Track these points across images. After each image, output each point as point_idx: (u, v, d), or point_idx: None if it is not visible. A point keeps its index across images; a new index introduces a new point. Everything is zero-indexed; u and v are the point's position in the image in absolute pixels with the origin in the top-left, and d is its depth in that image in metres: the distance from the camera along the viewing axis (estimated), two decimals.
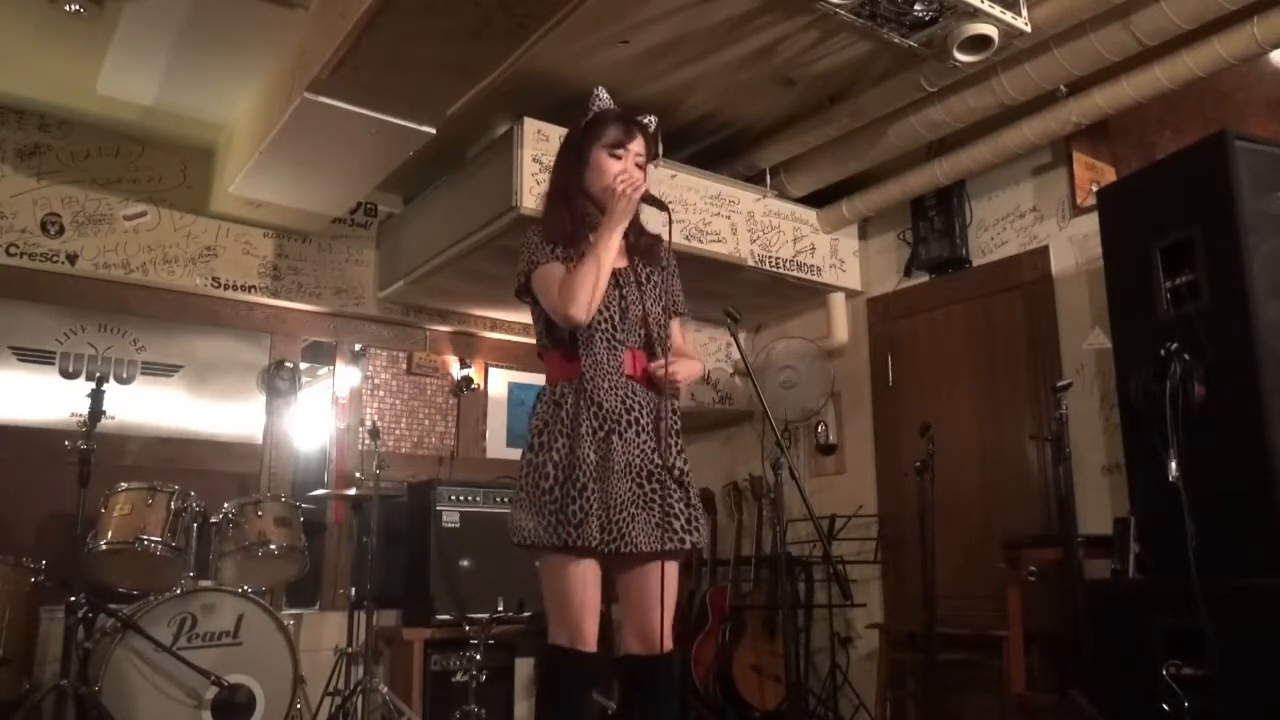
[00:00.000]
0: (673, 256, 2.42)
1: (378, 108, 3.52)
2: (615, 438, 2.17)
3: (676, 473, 2.22)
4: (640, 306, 2.28)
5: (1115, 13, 3.26)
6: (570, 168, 2.34)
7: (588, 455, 2.14)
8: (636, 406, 2.22)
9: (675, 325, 2.39)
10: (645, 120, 2.38)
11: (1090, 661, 2.97)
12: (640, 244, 2.38)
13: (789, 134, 4.32)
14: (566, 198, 2.32)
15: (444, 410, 5.23)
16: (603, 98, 2.39)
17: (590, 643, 2.13)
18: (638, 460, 2.19)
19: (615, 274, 2.27)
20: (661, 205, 2.27)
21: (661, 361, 2.22)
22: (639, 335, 2.27)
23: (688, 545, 2.19)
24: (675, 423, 2.29)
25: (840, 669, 4.65)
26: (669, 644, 2.22)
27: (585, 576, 2.14)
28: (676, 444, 2.27)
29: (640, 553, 2.14)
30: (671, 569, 2.21)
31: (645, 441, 2.21)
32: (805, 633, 4.72)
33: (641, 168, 2.33)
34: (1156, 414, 2.91)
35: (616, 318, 2.25)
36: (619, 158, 2.29)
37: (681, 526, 2.18)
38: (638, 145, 2.32)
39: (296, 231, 4.76)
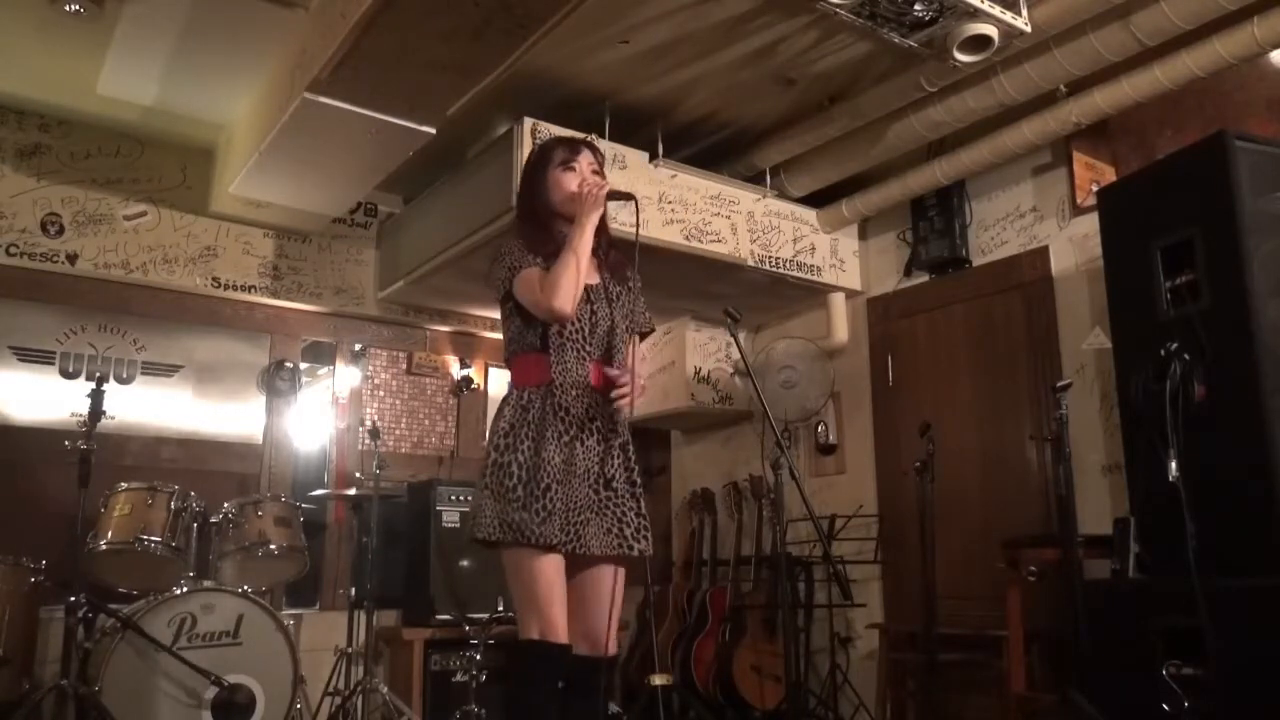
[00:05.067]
0: (637, 278, 2.52)
1: (378, 108, 3.52)
2: (578, 444, 2.28)
3: (629, 483, 2.34)
4: (609, 320, 2.40)
5: (1115, 13, 3.26)
6: (534, 195, 2.47)
7: (553, 457, 2.24)
8: (599, 416, 2.33)
9: (635, 341, 2.49)
10: (587, 138, 2.56)
11: (1090, 661, 2.96)
12: (611, 260, 2.49)
13: (789, 134, 4.32)
14: (539, 222, 2.45)
15: (444, 410, 5.23)
16: (541, 132, 2.54)
17: (561, 634, 2.20)
18: (595, 467, 2.29)
19: (588, 289, 2.37)
20: (627, 196, 2.40)
21: (625, 382, 2.31)
22: (602, 348, 2.38)
23: (635, 553, 2.30)
24: (626, 434, 2.38)
25: (840, 669, 4.65)
26: (613, 647, 2.32)
27: (552, 570, 2.21)
28: (631, 455, 2.37)
29: (591, 555, 2.25)
30: (619, 575, 2.33)
31: (603, 450, 2.31)
32: (805, 633, 4.71)
33: (598, 173, 2.46)
34: (1156, 414, 2.91)
35: (586, 330, 2.35)
36: (573, 169, 2.43)
37: (631, 534, 2.30)
38: (586, 157, 2.46)
39: (296, 231, 4.76)
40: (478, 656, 3.85)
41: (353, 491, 4.14)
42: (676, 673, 4.64)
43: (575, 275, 2.25)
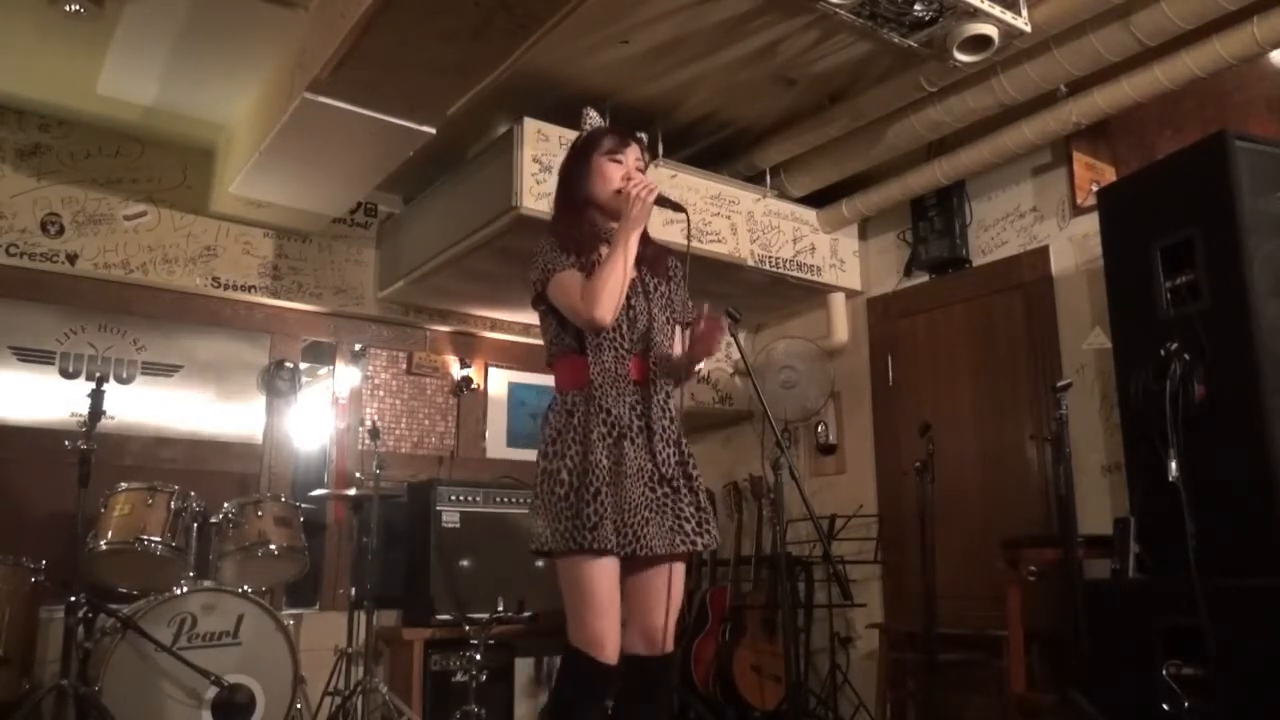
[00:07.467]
0: (679, 265, 2.46)
1: (378, 108, 3.52)
2: (626, 443, 2.22)
3: (685, 477, 2.28)
4: (647, 315, 2.33)
5: (1115, 13, 3.27)
6: (575, 179, 2.39)
7: (600, 460, 2.18)
8: (645, 413, 2.27)
9: (678, 332, 2.44)
10: (636, 133, 2.47)
11: (1090, 661, 2.96)
12: (647, 253, 2.41)
13: (789, 134, 4.32)
14: (576, 208, 2.37)
15: (444, 410, 5.23)
16: (593, 117, 2.47)
17: (610, 652, 2.14)
18: (648, 465, 2.24)
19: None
20: (678, 207, 2.33)
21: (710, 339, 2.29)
22: (642, 344, 2.32)
23: (699, 547, 2.26)
24: (676, 429, 2.33)
25: (840, 669, 4.65)
26: (670, 644, 2.25)
27: (606, 580, 2.16)
28: (685, 449, 2.33)
29: (654, 555, 2.19)
30: (679, 570, 2.27)
31: (652, 447, 2.26)
32: (805, 633, 4.71)
33: (642, 171, 2.39)
34: (1156, 414, 2.91)
35: (625, 327, 2.29)
36: (619, 162, 2.35)
37: (693, 529, 2.24)
38: (634, 152, 2.39)
39: (296, 231, 4.76)
40: (478, 656, 3.85)
41: (353, 491, 4.13)
42: (676, 672, 4.64)
43: (618, 287, 2.19)
